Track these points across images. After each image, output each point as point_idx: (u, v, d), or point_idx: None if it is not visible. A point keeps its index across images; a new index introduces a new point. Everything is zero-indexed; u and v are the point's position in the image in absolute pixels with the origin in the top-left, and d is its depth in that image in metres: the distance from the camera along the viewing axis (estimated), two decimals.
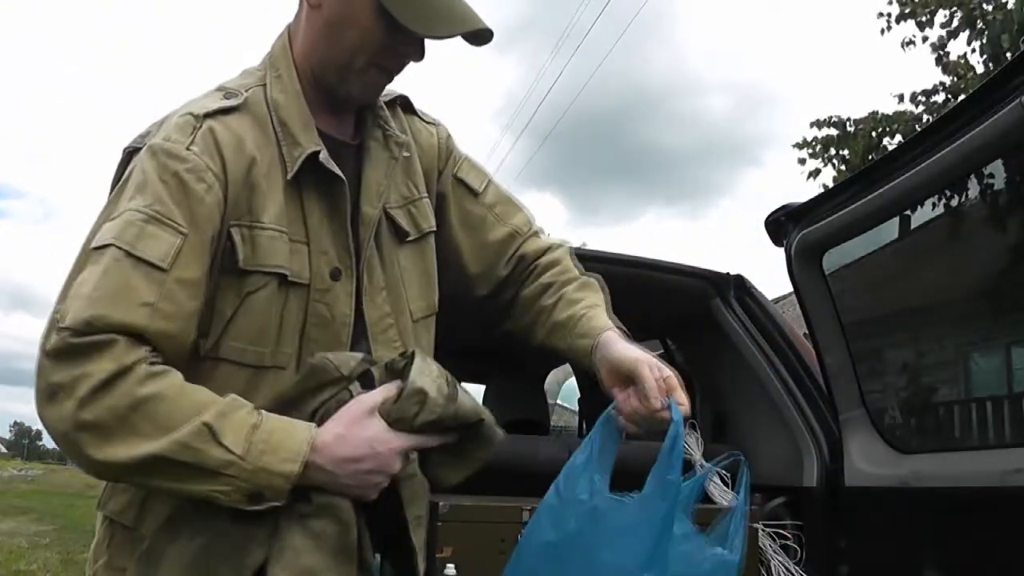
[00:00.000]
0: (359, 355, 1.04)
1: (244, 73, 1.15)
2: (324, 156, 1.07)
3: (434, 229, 1.23)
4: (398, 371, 1.02)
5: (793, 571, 2.23)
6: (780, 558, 2.23)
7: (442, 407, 1.00)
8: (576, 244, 3.35)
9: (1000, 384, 3.17)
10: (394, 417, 0.99)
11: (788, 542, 2.26)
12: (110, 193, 1.04)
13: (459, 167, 1.30)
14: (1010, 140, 1.62)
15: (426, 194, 1.23)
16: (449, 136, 1.32)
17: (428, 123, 1.29)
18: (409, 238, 1.19)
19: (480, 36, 1.08)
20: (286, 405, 1.00)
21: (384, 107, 1.21)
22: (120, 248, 0.94)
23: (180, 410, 0.91)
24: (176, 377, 0.93)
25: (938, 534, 1.92)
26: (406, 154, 1.20)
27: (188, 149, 1.00)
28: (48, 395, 0.90)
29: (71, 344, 0.89)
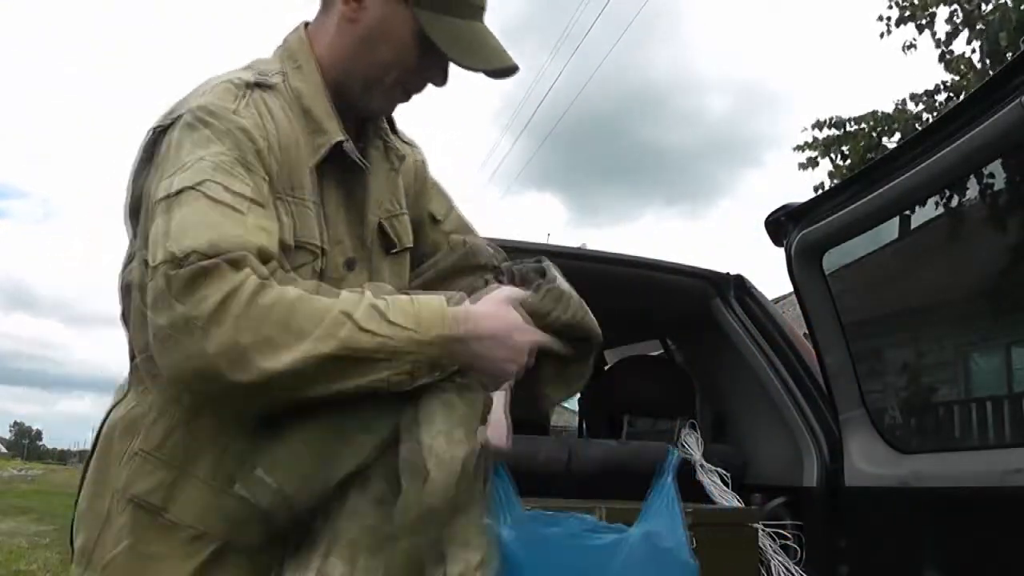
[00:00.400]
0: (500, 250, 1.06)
1: (258, 62, 1.12)
2: (349, 146, 1.07)
3: (411, 246, 1.21)
4: (531, 276, 1.07)
5: (793, 571, 2.23)
6: (780, 558, 2.24)
7: (574, 309, 1.05)
8: (576, 245, 3.35)
9: (1000, 384, 3.17)
10: (532, 309, 1.01)
11: (788, 542, 2.26)
12: (140, 174, 1.02)
13: (429, 196, 1.31)
14: (1010, 140, 1.62)
15: (406, 211, 1.23)
16: (425, 161, 1.32)
17: (407, 143, 1.28)
18: (394, 250, 1.17)
19: (507, 72, 1.12)
20: (436, 282, 1.03)
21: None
22: (196, 190, 0.90)
23: (333, 304, 0.88)
24: (290, 286, 0.89)
25: (938, 534, 1.92)
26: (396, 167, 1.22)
27: (235, 113, 0.98)
28: (183, 330, 0.83)
29: (200, 268, 0.84)
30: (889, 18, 8.81)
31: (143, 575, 0.96)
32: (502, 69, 1.10)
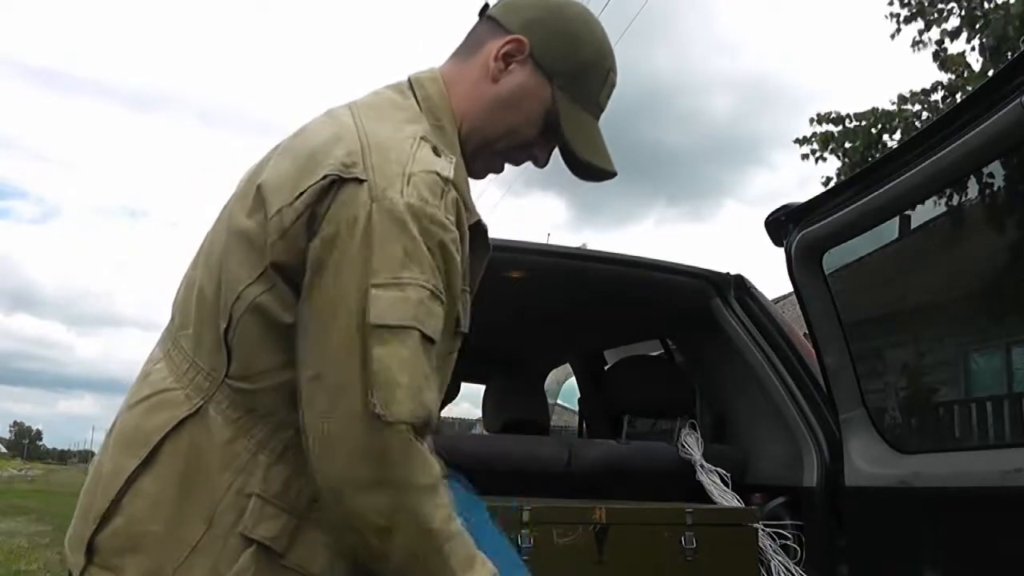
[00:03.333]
0: None
1: (394, 106, 1.07)
2: (485, 225, 1.07)
3: None
4: None
5: (793, 571, 2.23)
6: (780, 558, 2.23)
7: None
8: (576, 245, 3.36)
9: (1000, 384, 3.17)
10: None
11: (788, 542, 2.26)
12: (312, 222, 0.94)
13: None
14: (1010, 140, 1.62)
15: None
16: None
17: None
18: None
19: (608, 176, 1.17)
20: None
21: None
22: (423, 333, 0.92)
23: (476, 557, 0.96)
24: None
25: (938, 534, 1.92)
26: None
27: (444, 226, 0.95)
28: (383, 484, 0.89)
29: (410, 442, 0.89)
30: (898, 15, 8.85)
31: None
32: (607, 172, 1.16)
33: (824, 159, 9.20)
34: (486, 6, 1.16)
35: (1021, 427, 2.68)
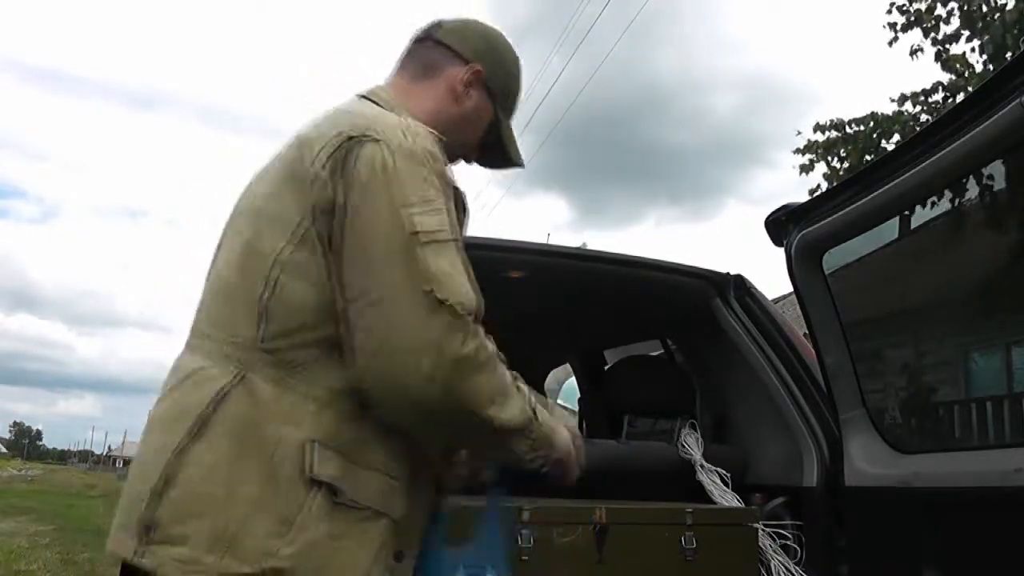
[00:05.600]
0: None
1: (367, 106, 1.23)
2: (462, 192, 1.22)
3: None
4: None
5: (793, 571, 2.23)
6: (780, 558, 2.23)
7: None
8: (576, 245, 3.35)
9: (1000, 384, 3.17)
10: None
11: (788, 542, 2.26)
12: (335, 171, 1.07)
13: None
14: (1010, 140, 1.62)
15: None
16: None
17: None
18: None
19: (517, 167, 1.46)
20: None
21: None
22: (456, 242, 1.09)
23: (516, 390, 1.13)
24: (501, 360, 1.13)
25: (938, 534, 1.92)
26: None
27: (447, 168, 1.15)
28: (452, 367, 1.00)
29: (474, 327, 1.04)
30: (896, 24, 8.87)
31: (337, 555, 1.02)
32: (520, 164, 1.44)
33: (813, 168, 9.25)
34: (429, 30, 1.36)
35: (1021, 427, 2.68)
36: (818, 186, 8.98)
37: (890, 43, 8.89)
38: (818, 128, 9.20)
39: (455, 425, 1.07)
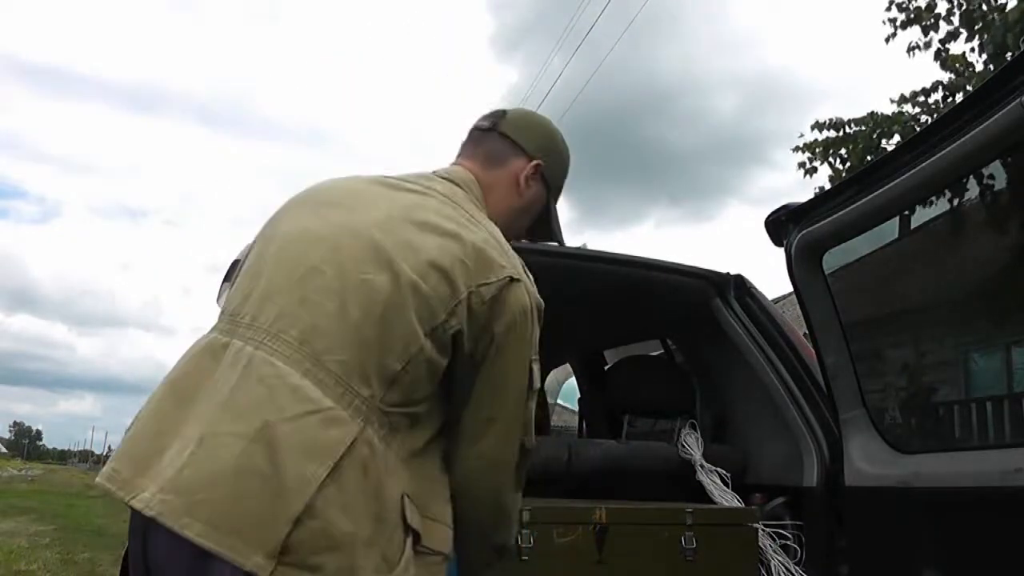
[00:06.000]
0: None
1: (473, 203, 1.38)
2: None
3: None
4: None
5: (793, 571, 2.23)
6: (780, 558, 2.23)
7: None
8: (576, 245, 3.35)
9: (1000, 384, 3.17)
10: None
11: (788, 542, 2.26)
12: (493, 309, 1.23)
13: None
14: (1010, 140, 1.62)
15: None
16: None
17: None
18: None
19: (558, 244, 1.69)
20: None
21: None
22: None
23: None
24: None
25: (938, 534, 1.92)
26: None
27: None
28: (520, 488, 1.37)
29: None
30: (895, 20, 8.86)
31: None
32: (561, 242, 1.66)
33: (815, 169, 9.23)
34: (494, 120, 1.49)
35: (1021, 427, 2.68)
36: (821, 188, 8.98)
37: (887, 39, 8.88)
38: (817, 127, 9.20)
39: (496, 522, 1.36)
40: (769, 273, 3.05)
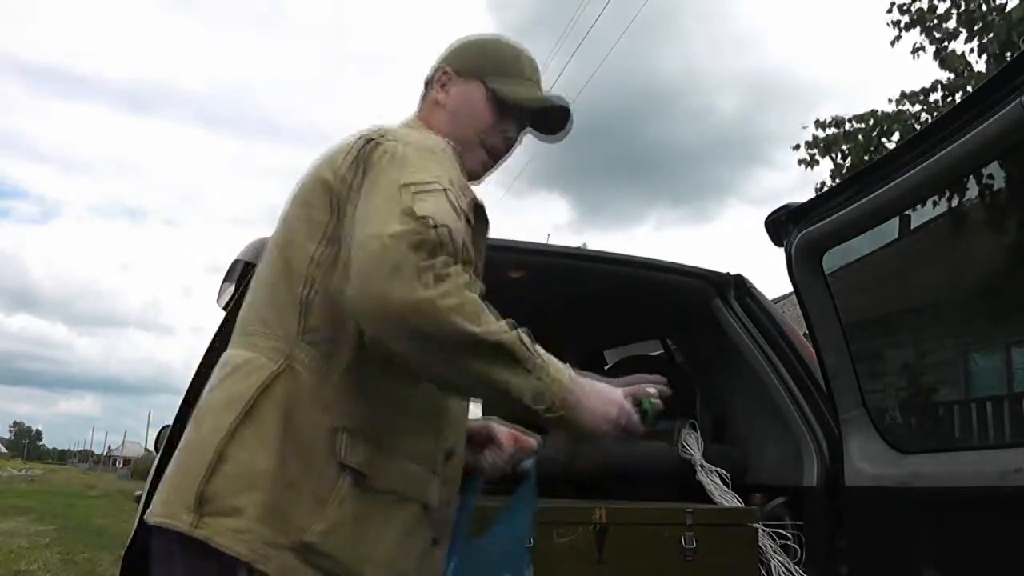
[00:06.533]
0: None
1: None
2: (481, 202, 1.26)
3: None
4: None
5: (793, 571, 2.23)
6: (780, 558, 2.23)
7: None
8: (576, 245, 3.35)
9: (1000, 384, 3.17)
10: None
11: (788, 542, 2.26)
12: (358, 168, 1.18)
13: None
14: (1010, 140, 1.62)
15: None
16: None
17: None
18: None
19: (565, 111, 1.44)
20: None
21: None
22: (449, 192, 1.12)
23: (498, 320, 1.08)
24: None
25: (938, 534, 1.92)
26: None
27: (452, 160, 1.23)
28: (420, 279, 1.01)
29: (437, 239, 1.04)
30: (899, 22, 8.88)
31: (365, 535, 1.11)
32: (560, 105, 1.44)
33: (817, 163, 9.24)
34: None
35: (1021, 427, 2.68)
36: (823, 184, 8.97)
37: (892, 42, 8.90)
38: (819, 124, 9.20)
39: (433, 339, 1.02)
40: (769, 273, 3.05)
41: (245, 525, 1.05)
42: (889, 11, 8.90)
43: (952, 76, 8.55)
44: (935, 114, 8.42)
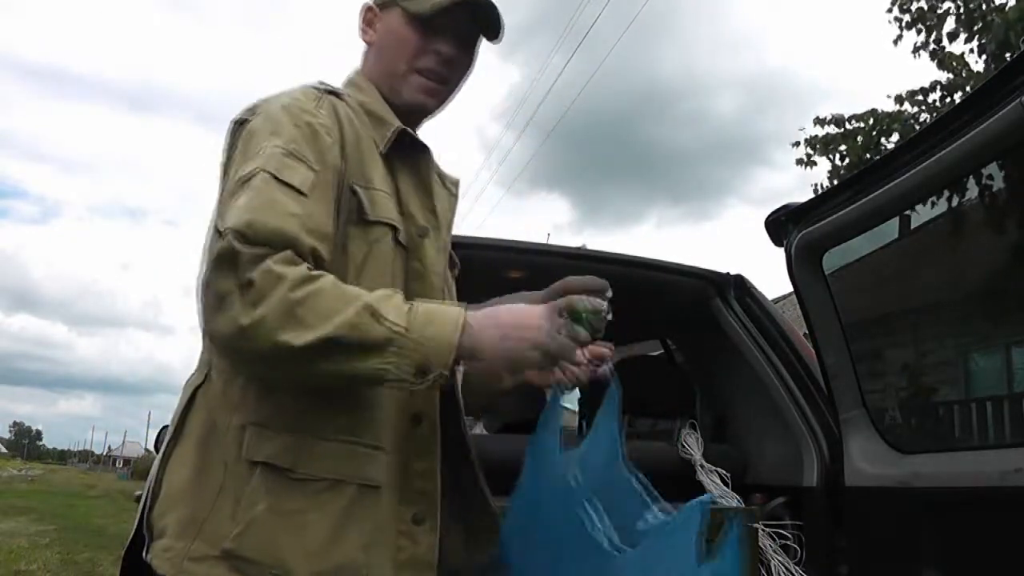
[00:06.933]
0: None
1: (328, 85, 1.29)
2: (410, 132, 1.25)
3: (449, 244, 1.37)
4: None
5: (793, 571, 2.23)
6: (780, 558, 2.23)
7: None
8: (576, 245, 3.36)
9: (1000, 384, 3.17)
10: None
11: (788, 542, 2.26)
12: (226, 161, 1.16)
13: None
14: (1010, 140, 1.62)
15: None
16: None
17: (453, 182, 1.39)
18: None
19: (487, 13, 1.31)
20: None
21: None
22: (266, 172, 1.05)
23: (340, 300, 0.99)
24: (330, 277, 1.02)
25: (938, 534, 1.92)
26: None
27: (311, 112, 1.15)
28: (217, 302, 0.99)
29: (235, 249, 0.98)
30: (900, 20, 8.89)
31: (288, 530, 1.05)
32: (480, 2, 1.29)
33: (815, 163, 9.24)
34: None
35: (1021, 427, 2.68)
36: (820, 184, 8.98)
37: (895, 41, 8.90)
38: (818, 122, 9.20)
39: (269, 359, 0.99)
40: (769, 273, 3.05)
41: (168, 543, 1.07)
42: (889, 10, 8.91)
43: (951, 76, 8.55)
44: (934, 114, 8.42)
